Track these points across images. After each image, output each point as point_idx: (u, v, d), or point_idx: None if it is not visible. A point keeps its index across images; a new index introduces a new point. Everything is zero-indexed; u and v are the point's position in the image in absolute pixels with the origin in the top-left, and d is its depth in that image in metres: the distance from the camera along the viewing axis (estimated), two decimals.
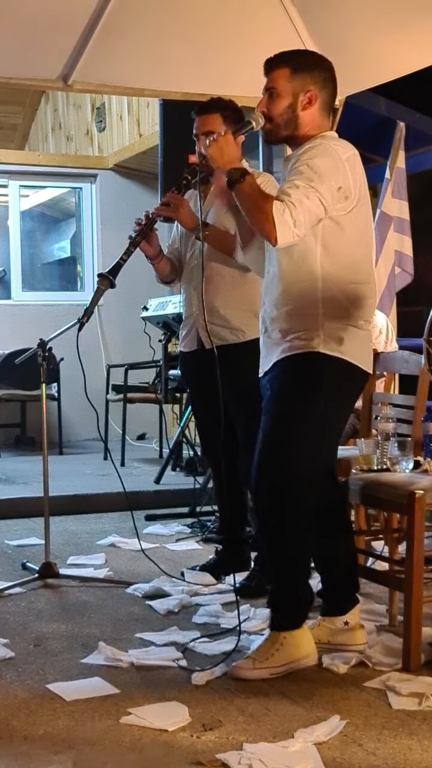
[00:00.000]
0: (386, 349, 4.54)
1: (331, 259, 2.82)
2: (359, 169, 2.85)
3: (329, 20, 4.44)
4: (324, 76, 2.92)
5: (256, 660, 2.81)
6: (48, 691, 2.71)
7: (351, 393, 2.96)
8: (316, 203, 2.71)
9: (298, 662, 2.83)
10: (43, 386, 3.98)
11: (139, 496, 5.45)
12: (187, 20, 4.35)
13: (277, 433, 2.84)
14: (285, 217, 2.66)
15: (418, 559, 2.87)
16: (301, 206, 2.68)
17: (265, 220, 2.68)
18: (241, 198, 2.79)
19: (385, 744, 2.36)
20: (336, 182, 2.75)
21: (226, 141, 2.84)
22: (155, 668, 2.88)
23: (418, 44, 4.36)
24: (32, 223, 9.04)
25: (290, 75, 2.88)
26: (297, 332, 2.85)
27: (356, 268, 2.87)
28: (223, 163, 2.83)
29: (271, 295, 2.94)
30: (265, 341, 2.99)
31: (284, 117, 2.89)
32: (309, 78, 2.89)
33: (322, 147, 2.81)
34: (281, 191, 2.74)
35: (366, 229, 2.91)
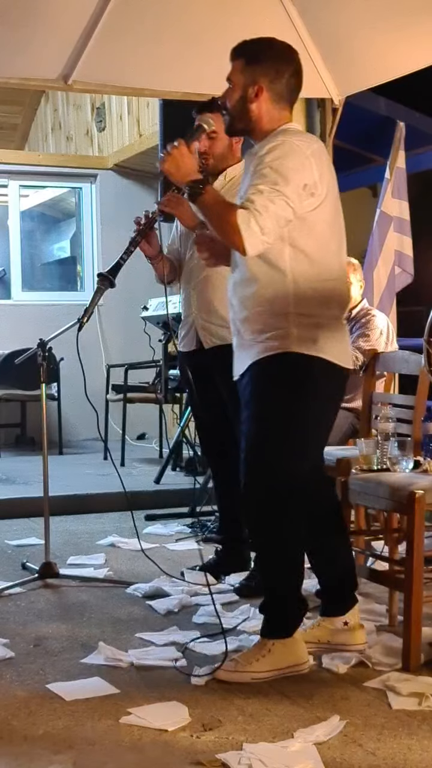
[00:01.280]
0: (386, 349, 4.54)
1: (300, 258, 2.75)
2: (325, 161, 2.78)
3: (329, 20, 4.44)
4: (277, 67, 2.82)
5: (239, 663, 2.79)
6: (48, 691, 2.71)
7: (330, 390, 2.88)
8: (283, 206, 2.65)
9: (286, 670, 2.79)
10: (43, 386, 3.98)
11: (139, 496, 5.45)
12: (187, 20, 4.35)
13: (259, 438, 2.79)
14: (251, 226, 2.60)
15: (418, 559, 2.87)
16: (267, 212, 2.62)
17: (231, 231, 2.63)
18: (204, 210, 2.74)
19: (385, 744, 2.36)
20: (301, 180, 2.68)
21: (180, 153, 2.79)
22: (155, 668, 2.88)
23: (418, 44, 4.36)
24: (32, 223, 9.04)
25: (243, 66, 2.82)
26: (269, 332, 2.78)
27: (326, 264, 2.80)
28: (181, 176, 2.78)
29: (239, 295, 2.87)
30: (238, 343, 2.92)
31: (236, 109, 2.83)
32: (259, 70, 2.80)
33: (285, 145, 2.72)
34: (246, 198, 2.67)
35: (334, 223, 2.83)
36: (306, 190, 2.69)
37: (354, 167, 7.66)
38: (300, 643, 2.85)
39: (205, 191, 2.72)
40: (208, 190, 2.73)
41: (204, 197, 2.72)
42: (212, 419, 3.92)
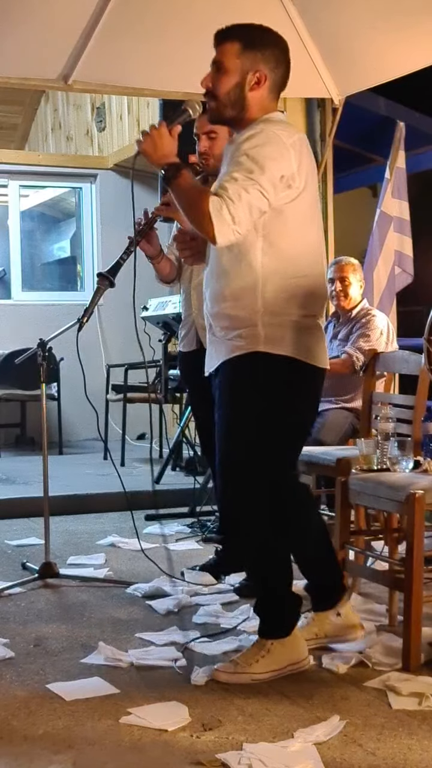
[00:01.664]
0: (387, 349, 4.54)
1: (273, 253, 2.68)
2: (306, 152, 2.69)
3: (329, 20, 4.44)
4: (277, 56, 2.74)
5: (239, 665, 2.78)
6: (48, 691, 2.71)
7: (303, 390, 2.80)
8: (257, 196, 2.56)
9: (286, 669, 2.79)
10: (43, 386, 3.98)
11: (139, 496, 5.45)
12: (187, 20, 4.34)
13: (232, 442, 2.76)
14: (223, 215, 2.52)
15: (418, 559, 2.87)
16: (240, 201, 2.54)
17: (202, 218, 2.54)
18: (177, 195, 2.64)
19: (385, 744, 2.36)
20: (278, 171, 2.59)
21: (160, 134, 2.66)
22: (155, 668, 2.88)
23: (418, 44, 4.36)
24: (32, 223, 9.04)
25: (240, 51, 2.70)
26: (238, 330, 2.72)
27: (299, 260, 2.72)
28: (158, 157, 2.66)
29: (211, 289, 2.80)
30: (210, 339, 2.86)
31: (231, 96, 2.72)
32: (260, 56, 2.71)
33: (264, 134, 2.64)
34: (219, 185, 2.58)
35: (311, 217, 2.75)
36: (283, 181, 2.61)
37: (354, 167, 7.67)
38: (299, 639, 2.85)
39: (180, 175, 2.62)
40: (184, 174, 2.63)
41: (178, 181, 2.63)
42: (212, 419, 3.92)
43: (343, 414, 4.57)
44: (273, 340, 2.71)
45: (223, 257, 2.73)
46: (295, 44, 4.50)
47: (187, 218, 2.66)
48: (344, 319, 4.80)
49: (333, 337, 4.83)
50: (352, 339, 4.67)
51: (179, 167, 2.65)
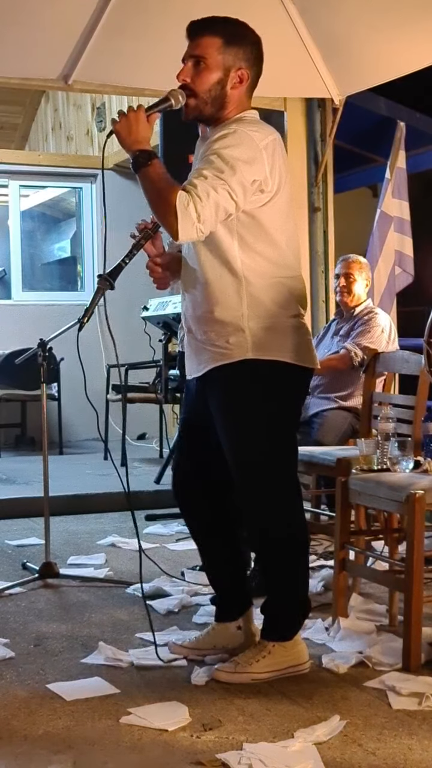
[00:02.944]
0: (387, 348, 4.54)
1: (250, 255, 2.64)
2: (279, 154, 2.63)
3: (329, 20, 4.44)
4: (255, 53, 2.67)
5: (239, 665, 2.78)
6: (48, 691, 2.71)
7: (293, 391, 2.79)
8: (225, 197, 2.50)
9: (286, 671, 2.78)
10: (43, 386, 3.98)
11: (139, 496, 5.45)
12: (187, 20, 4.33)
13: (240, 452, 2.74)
14: (189, 211, 2.46)
15: (418, 559, 2.87)
16: (207, 200, 2.48)
17: (167, 211, 2.48)
18: (145, 183, 2.56)
19: (385, 744, 2.36)
20: (250, 174, 2.53)
21: (137, 118, 2.57)
22: (155, 668, 2.88)
23: (418, 44, 4.37)
24: (32, 223, 9.04)
25: (222, 46, 2.62)
26: (223, 336, 2.68)
27: (279, 262, 2.68)
28: (130, 141, 2.57)
29: (191, 291, 2.75)
30: (190, 341, 2.81)
31: (212, 93, 2.64)
32: (241, 53, 2.64)
33: (237, 135, 2.57)
34: (188, 182, 2.52)
35: (286, 220, 2.70)
36: (254, 185, 2.56)
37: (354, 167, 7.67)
38: (300, 643, 2.85)
39: (150, 164, 2.54)
40: (155, 163, 2.55)
41: (148, 169, 2.55)
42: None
43: (342, 414, 4.57)
44: (261, 346, 2.68)
45: (203, 260, 2.69)
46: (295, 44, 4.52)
47: (151, 209, 2.57)
48: (347, 316, 4.82)
49: (334, 333, 4.84)
50: (353, 335, 4.68)
51: (150, 155, 2.56)
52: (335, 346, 4.72)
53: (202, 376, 2.79)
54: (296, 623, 2.85)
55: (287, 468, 2.83)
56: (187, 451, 2.99)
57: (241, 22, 2.70)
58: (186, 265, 2.79)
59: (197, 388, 2.86)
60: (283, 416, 2.77)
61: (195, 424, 2.94)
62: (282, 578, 2.84)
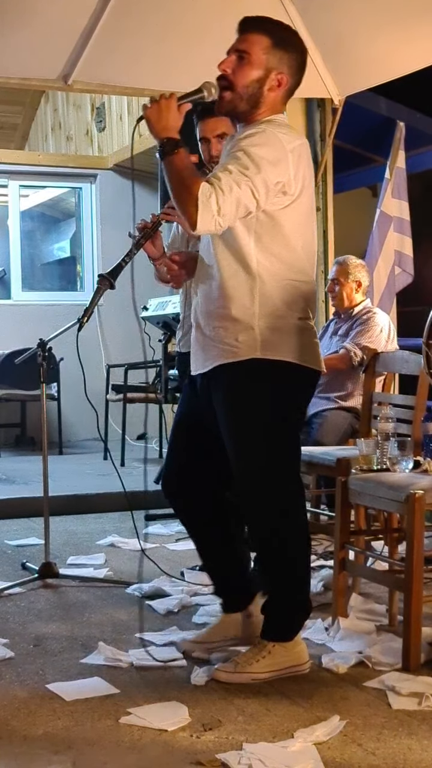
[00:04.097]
0: (386, 348, 4.55)
1: (266, 255, 2.66)
2: (305, 160, 2.66)
3: (329, 20, 4.44)
4: (299, 62, 2.70)
5: (239, 665, 2.78)
6: (48, 691, 2.71)
7: (298, 392, 2.80)
8: (247, 194, 2.52)
9: (286, 671, 2.78)
10: (43, 386, 3.98)
11: (139, 496, 5.45)
12: (187, 20, 4.35)
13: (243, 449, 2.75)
14: (210, 203, 2.47)
15: (418, 559, 2.87)
16: (230, 194, 2.49)
17: (189, 200, 2.48)
18: (169, 171, 2.56)
19: (385, 744, 2.36)
20: (274, 176, 2.55)
21: (168, 106, 2.58)
22: (155, 668, 2.88)
23: (418, 44, 4.37)
24: (32, 223, 9.04)
25: (269, 47, 2.64)
26: (232, 333, 2.69)
27: (294, 264, 2.70)
28: (159, 128, 2.57)
29: (205, 286, 2.77)
30: (197, 337, 2.82)
31: (249, 90, 2.65)
32: (286, 58, 2.66)
33: (265, 135, 2.59)
34: (213, 175, 2.54)
35: (305, 225, 2.72)
36: (278, 186, 2.58)
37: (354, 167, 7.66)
38: (300, 644, 2.85)
39: (177, 152, 2.55)
40: (181, 152, 2.55)
41: (174, 158, 2.55)
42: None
43: (342, 414, 4.57)
44: (270, 345, 2.69)
45: (220, 256, 2.70)
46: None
47: (173, 197, 2.58)
48: (345, 317, 4.82)
49: (333, 333, 4.84)
50: (352, 335, 4.69)
51: (178, 144, 2.57)
52: (334, 346, 4.73)
53: (207, 372, 2.79)
54: (297, 624, 2.85)
55: (290, 469, 2.83)
56: (183, 447, 3.01)
57: (292, 29, 2.74)
58: (202, 261, 2.81)
59: (201, 385, 2.86)
60: (287, 417, 2.78)
61: (195, 422, 2.94)
62: (283, 578, 2.84)
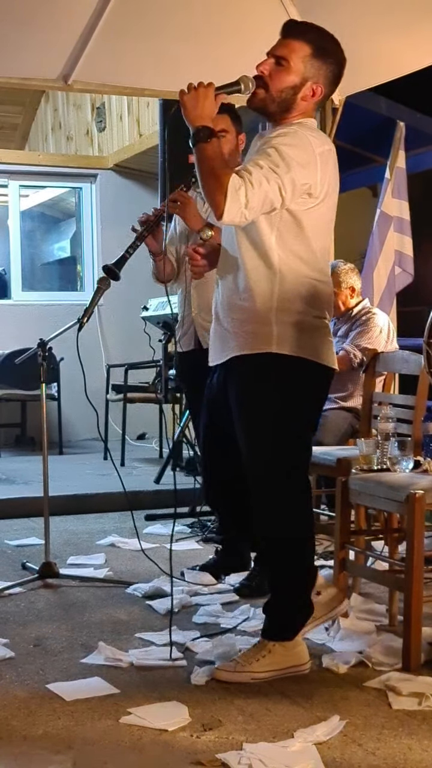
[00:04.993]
0: (386, 348, 4.55)
1: (287, 252, 2.70)
2: (332, 164, 2.72)
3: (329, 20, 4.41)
4: (336, 73, 2.75)
5: (239, 664, 2.78)
6: (48, 691, 2.71)
7: (312, 389, 2.84)
8: (275, 190, 2.57)
9: (286, 671, 2.78)
10: (43, 386, 3.98)
11: (139, 496, 5.45)
12: (187, 20, 4.35)
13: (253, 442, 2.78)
14: (239, 194, 2.52)
15: (418, 559, 2.87)
16: (259, 189, 2.54)
17: (218, 189, 2.53)
18: (200, 159, 2.60)
19: (385, 744, 2.36)
20: (302, 176, 2.61)
21: (206, 94, 2.61)
22: (155, 668, 2.88)
23: (418, 44, 4.37)
24: (32, 223, 9.04)
25: (308, 56, 2.69)
26: (249, 326, 2.74)
27: (313, 264, 2.75)
28: (195, 116, 2.61)
29: (226, 279, 2.82)
30: (216, 329, 2.87)
31: (283, 95, 2.70)
32: (324, 69, 2.71)
33: (297, 135, 2.64)
34: (243, 168, 2.60)
35: (325, 228, 2.79)
36: (303, 187, 2.64)
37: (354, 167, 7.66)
38: (301, 644, 2.84)
39: (210, 141, 2.59)
40: (214, 141, 2.60)
41: (206, 146, 2.59)
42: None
43: (342, 414, 4.57)
44: (285, 341, 2.73)
45: (243, 250, 2.75)
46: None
47: (202, 184, 2.62)
48: (344, 318, 4.82)
49: (332, 334, 4.83)
50: (351, 336, 4.68)
51: (212, 133, 2.61)
52: (334, 347, 4.72)
53: (224, 364, 2.85)
54: (297, 623, 2.85)
55: (297, 466, 2.84)
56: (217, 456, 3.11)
57: (334, 38, 2.76)
58: (224, 253, 2.85)
59: (219, 377, 2.92)
60: (298, 412, 2.80)
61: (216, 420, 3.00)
62: (285, 577, 2.85)
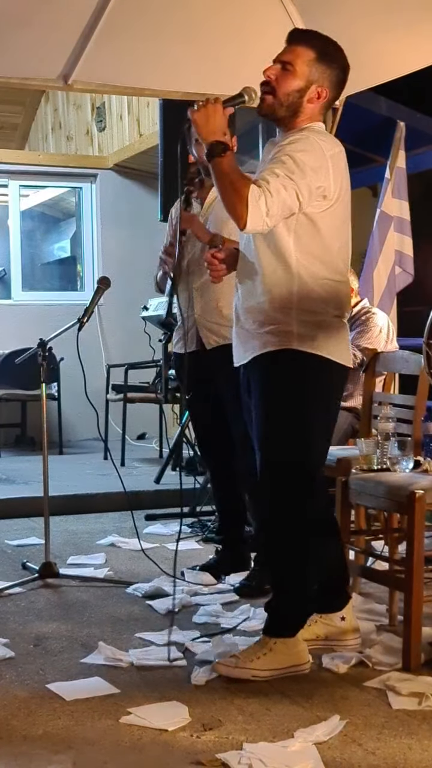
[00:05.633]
0: (386, 348, 4.54)
1: (305, 254, 2.78)
2: (343, 166, 2.80)
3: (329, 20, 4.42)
4: (340, 77, 2.85)
5: (240, 660, 2.80)
6: (48, 691, 2.71)
7: (332, 388, 2.91)
8: (293, 196, 2.66)
9: (287, 670, 2.79)
10: (43, 386, 3.98)
11: (139, 496, 5.45)
12: (187, 20, 4.34)
13: (268, 436, 2.83)
14: (260, 204, 2.61)
15: (418, 559, 2.87)
16: (278, 196, 2.63)
17: (239, 201, 2.62)
18: (217, 173, 2.70)
19: (385, 744, 2.36)
20: (316, 180, 2.70)
21: (215, 110, 2.72)
22: (155, 668, 2.88)
23: (418, 44, 4.36)
24: (32, 222, 9.04)
25: (313, 60, 2.79)
26: (270, 325, 2.81)
27: (330, 264, 2.82)
28: (207, 132, 2.72)
29: (246, 282, 2.89)
30: (238, 331, 2.94)
31: (290, 98, 2.80)
32: (328, 73, 2.81)
33: (308, 141, 2.74)
34: (261, 177, 2.68)
35: (341, 228, 2.85)
36: (318, 191, 2.72)
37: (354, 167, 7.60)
38: (301, 643, 2.85)
39: (225, 155, 2.69)
40: (229, 155, 2.70)
41: (222, 160, 2.69)
42: (210, 420, 3.92)
43: (342, 414, 4.56)
44: (305, 338, 2.79)
45: (261, 254, 2.81)
46: None
47: (222, 198, 2.71)
48: None
49: None
50: (351, 336, 4.67)
51: (226, 147, 2.70)
52: None
53: (247, 364, 2.91)
54: (299, 620, 2.87)
55: (309, 462, 2.86)
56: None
57: (337, 45, 2.85)
58: (243, 258, 2.92)
59: (243, 378, 2.98)
60: (317, 410, 2.85)
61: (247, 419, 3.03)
62: (286, 573, 2.87)
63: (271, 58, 2.85)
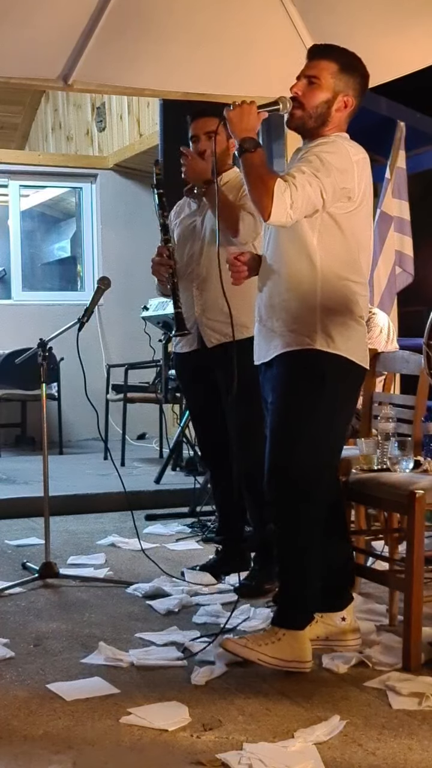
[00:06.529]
0: (386, 348, 4.54)
1: (328, 254, 2.85)
2: (367, 172, 2.90)
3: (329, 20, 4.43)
4: (363, 85, 2.96)
5: (249, 641, 2.83)
6: (48, 691, 2.71)
7: (350, 389, 2.98)
8: (317, 193, 2.74)
9: (290, 664, 2.81)
10: (43, 386, 3.98)
11: (139, 496, 5.45)
12: (187, 20, 4.34)
13: (284, 432, 2.87)
14: (284, 196, 2.70)
15: (418, 559, 2.87)
16: (303, 191, 2.72)
17: (265, 192, 2.71)
18: (247, 167, 2.81)
19: (385, 744, 2.36)
20: (342, 181, 2.79)
21: (249, 110, 2.84)
22: (155, 668, 2.88)
23: (418, 44, 4.36)
24: (32, 223, 9.04)
25: (337, 72, 2.91)
26: (295, 325, 2.87)
27: (352, 266, 2.89)
28: (240, 129, 2.84)
29: (269, 281, 2.96)
30: (260, 329, 3.01)
31: (318, 110, 2.91)
32: (352, 82, 2.93)
33: (335, 144, 2.85)
34: (287, 173, 2.78)
35: (363, 231, 2.93)
36: (343, 192, 2.80)
37: None
38: (308, 642, 2.87)
39: (256, 151, 2.80)
40: (260, 152, 2.81)
41: (253, 155, 2.79)
42: (210, 420, 3.92)
43: None
44: (329, 340, 2.85)
45: (285, 252, 2.88)
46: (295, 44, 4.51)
47: (249, 189, 2.80)
48: None
49: None
50: None
51: (258, 144, 2.82)
52: None
53: (269, 362, 2.96)
54: (307, 613, 2.90)
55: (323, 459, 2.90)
56: None
57: (356, 55, 2.98)
58: (265, 260, 2.99)
59: (264, 377, 3.02)
60: (336, 410, 2.90)
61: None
62: (294, 565, 2.89)
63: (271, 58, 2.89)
